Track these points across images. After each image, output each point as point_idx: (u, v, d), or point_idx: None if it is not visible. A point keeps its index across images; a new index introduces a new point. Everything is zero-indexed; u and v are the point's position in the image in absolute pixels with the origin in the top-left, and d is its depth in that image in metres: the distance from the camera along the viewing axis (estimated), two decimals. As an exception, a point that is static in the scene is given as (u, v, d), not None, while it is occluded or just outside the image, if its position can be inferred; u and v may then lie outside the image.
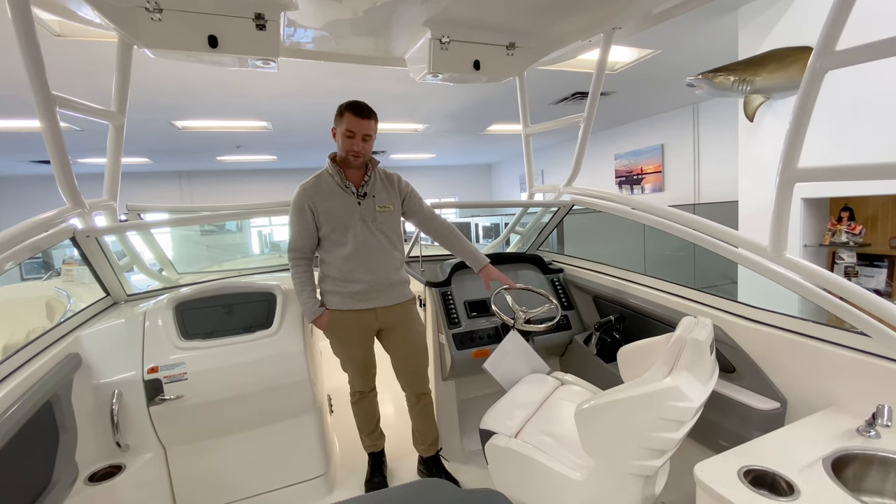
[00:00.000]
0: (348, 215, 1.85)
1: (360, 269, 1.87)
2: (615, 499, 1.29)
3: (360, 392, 2.05)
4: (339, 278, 1.88)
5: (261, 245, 10.39)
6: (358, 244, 1.86)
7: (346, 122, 1.78)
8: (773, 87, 3.13)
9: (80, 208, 1.69)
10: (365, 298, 1.89)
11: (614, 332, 2.19)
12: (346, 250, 1.86)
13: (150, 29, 1.72)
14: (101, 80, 3.86)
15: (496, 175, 12.96)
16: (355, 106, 1.79)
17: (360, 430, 2.12)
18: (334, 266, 1.88)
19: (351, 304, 1.89)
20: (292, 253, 1.88)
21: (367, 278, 1.88)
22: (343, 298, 1.88)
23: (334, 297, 1.89)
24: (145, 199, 9.67)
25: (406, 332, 2.00)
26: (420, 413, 2.08)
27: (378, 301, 1.92)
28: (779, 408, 1.48)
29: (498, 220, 8.92)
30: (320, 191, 1.85)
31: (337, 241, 1.86)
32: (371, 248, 1.88)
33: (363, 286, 1.88)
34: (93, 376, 1.67)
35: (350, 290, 1.88)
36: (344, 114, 1.78)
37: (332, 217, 1.84)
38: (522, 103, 2.62)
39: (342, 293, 1.88)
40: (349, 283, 1.88)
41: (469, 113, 6.34)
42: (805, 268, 1.35)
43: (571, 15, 1.99)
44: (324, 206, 1.84)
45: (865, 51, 1.09)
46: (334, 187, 1.86)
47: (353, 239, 1.85)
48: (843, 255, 3.28)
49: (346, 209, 1.85)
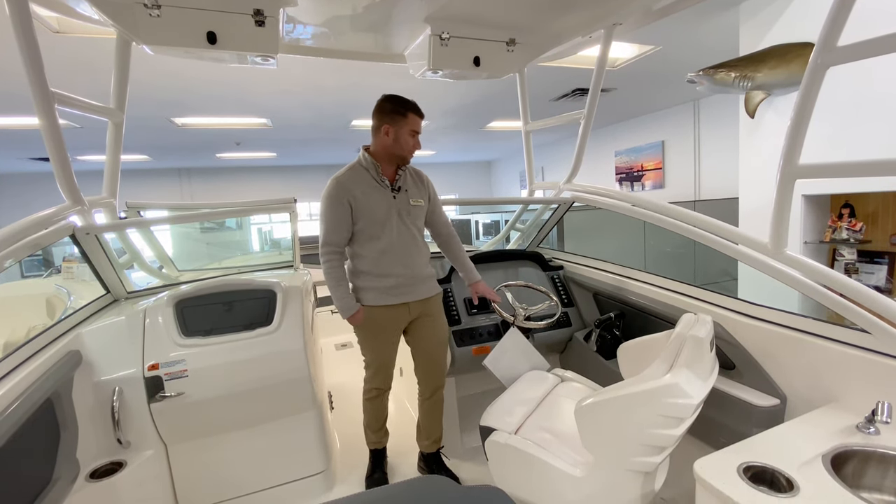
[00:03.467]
0: (386, 209, 1.86)
1: (395, 264, 1.88)
2: (615, 495, 1.29)
3: (378, 389, 2.02)
4: (375, 273, 1.87)
5: (261, 242, 10.38)
6: (394, 238, 1.87)
7: (410, 122, 1.84)
8: (775, 84, 3.12)
9: (80, 206, 1.69)
10: (399, 293, 1.90)
11: (614, 329, 2.19)
12: (382, 244, 1.86)
13: (148, 25, 1.71)
14: (100, 76, 3.85)
15: (496, 172, 12.94)
16: (417, 107, 1.86)
17: (369, 426, 2.10)
18: (369, 260, 1.87)
19: (386, 299, 1.89)
20: (327, 247, 1.84)
21: (403, 272, 1.89)
22: (378, 294, 1.88)
23: (370, 292, 1.89)
24: (145, 196, 9.66)
25: (433, 325, 2.02)
26: (431, 408, 2.09)
27: (411, 295, 1.93)
28: (778, 404, 1.48)
29: (498, 217, 8.90)
30: (357, 184, 1.84)
31: (373, 234, 1.86)
32: (406, 242, 1.90)
33: (397, 280, 1.89)
34: (93, 373, 1.67)
35: (385, 285, 1.88)
36: (408, 115, 1.83)
37: (371, 211, 1.84)
38: (522, 100, 2.61)
39: (377, 288, 1.88)
40: (384, 278, 1.88)
41: (469, 109, 6.32)
42: (805, 264, 1.35)
43: (572, 11, 1.98)
44: (362, 199, 1.83)
45: (867, 47, 1.09)
46: (370, 181, 1.86)
47: (389, 233, 1.86)
48: (843, 252, 3.27)
49: (384, 203, 1.86)
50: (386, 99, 1.86)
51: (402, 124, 1.83)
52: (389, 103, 1.85)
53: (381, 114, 1.85)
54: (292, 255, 2.49)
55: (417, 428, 2.14)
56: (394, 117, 1.83)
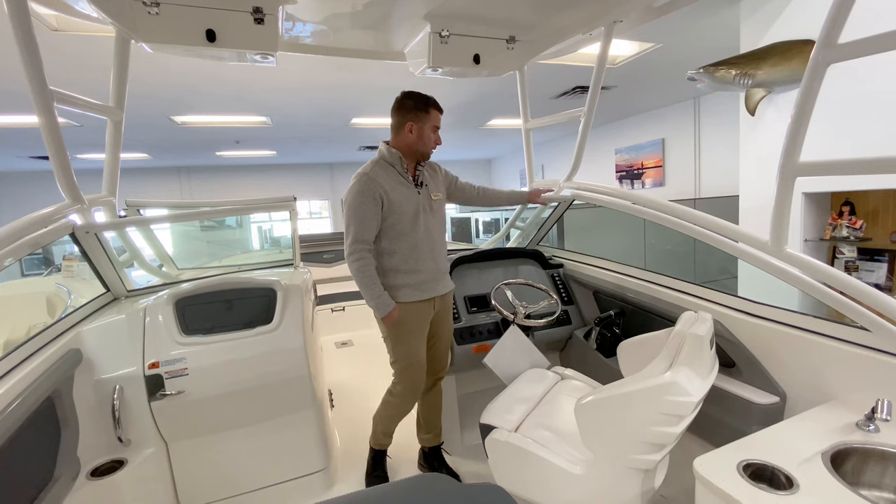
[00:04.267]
0: (415, 204, 1.87)
1: (425, 258, 1.90)
2: (615, 493, 1.29)
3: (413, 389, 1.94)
4: (406, 269, 1.87)
5: (261, 240, 10.39)
6: (422, 233, 1.88)
7: (432, 118, 1.86)
8: (775, 81, 3.11)
9: (79, 204, 1.68)
10: (428, 288, 1.91)
11: (614, 327, 2.19)
12: (413, 239, 1.87)
13: (147, 23, 1.70)
14: (99, 75, 3.84)
15: (496, 170, 12.93)
16: (437, 102, 1.89)
17: (387, 428, 2.03)
18: (400, 256, 1.86)
19: (418, 294, 1.89)
20: (358, 244, 1.78)
21: (431, 267, 1.91)
22: (411, 290, 1.88)
23: (403, 289, 1.88)
24: (145, 194, 9.69)
25: (448, 320, 2.06)
26: (432, 400, 2.09)
27: (437, 290, 1.95)
28: (778, 402, 1.48)
29: (498, 215, 8.89)
30: (386, 180, 1.83)
31: (403, 230, 1.85)
32: (433, 236, 1.93)
33: (426, 275, 1.90)
34: (94, 372, 1.67)
35: (416, 280, 1.89)
36: (430, 110, 1.86)
37: (402, 206, 1.83)
38: (522, 97, 2.60)
39: (410, 284, 1.88)
40: (415, 273, 1.88)
41: (469, 107, 6.31)
42: (806, 262, 1.35)
43: (572, 8, 1.98)
44: (393, 195, 1.82)
45: (868, 44, 1.08)
46: (397, 176, 1.86)
47: (418, 228, 1.87)
48: (843, 250, 3.27)
49: (412, 199, 1.87)
50: (406, 96, 1.86)
51: (425, 120, 1.84)
52: (411, 100, 1.84)
53: (403, 111, 1.85)
54: (292, 254, 2.49)
55: (417, 423, 2.14)
56: (417, 114, 1.84)
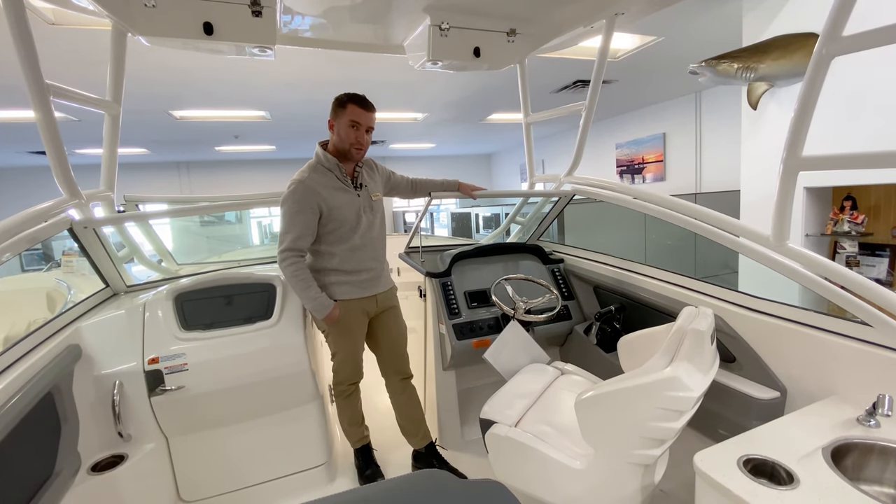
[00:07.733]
0: (355, 210, 1.85)
1: (367, 259, 1.90)
2: (615, 487, 1.29)
3: (353, 383, 2.01)
4: (347, 269, 1.87)
5: (260, 235, 10.38)
6: (364, 235, 1.88)
7: (349, 113, 1.77)
8: (778, 75, 3.09)
9: (77, 199, 1.67)
10: (370, 286, 1.93)
11: (615, 322, 2.19)
12: (354, 242, 1.86)
13: (144, 16, 1.69)
14: (96, 68, 3.81)
15: (496, 165, 12.88)
16: (358, 98, 1.78)
17: (351, 423, 2.05)
18: (340, 258, 1.86)
19: (359, 292, 1.90)
20: (290, 252, 1.76)
21: (374, 266, 1.93)
22: (351, 287, 1.89)
23: (342, 287, 1.88)
24: (144, 189, 9.65)
25: (395, 315, 2.06)
26: (407, 401, 2.07)
27: (378, 287, 1.97)
28: (779, 397, 1.48)
29: (498, 210, 8.87)
30: (325, 187, 1.79)
31: (343, 235, 1.85)
32: (374, 237, 1.93)
33: (370, 274, 1.92)
34: (94, 367, 1.67)
35: (358, 280, 1.90)
36: (347, 105, 1.77)
37: (342, 214, 1.82)
38: (523, 91, 2.58)
39: (350, 283, 1.89)
40: (356, 273, 1.89)
41: (469, 102, 6.28)
42: (807, 257, 1.34)
43: (573, 0, 1.96)
44: (333, 203, 1.79)
45: (873, 36, 1.07)
46: (335, 182, 1.83)
47: (359, 231, 1.86)
48: (844, 245, 3.26)
49: (352, 204, 1.85)
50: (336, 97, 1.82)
51: (339, 116, 1.78)
52: (336, 99, 1.80)
53: (331, 110, 1.81)
54: (292, 249, 2.48)
55: (402, 429, 2.11)
56: (335, 110, 1.79)
